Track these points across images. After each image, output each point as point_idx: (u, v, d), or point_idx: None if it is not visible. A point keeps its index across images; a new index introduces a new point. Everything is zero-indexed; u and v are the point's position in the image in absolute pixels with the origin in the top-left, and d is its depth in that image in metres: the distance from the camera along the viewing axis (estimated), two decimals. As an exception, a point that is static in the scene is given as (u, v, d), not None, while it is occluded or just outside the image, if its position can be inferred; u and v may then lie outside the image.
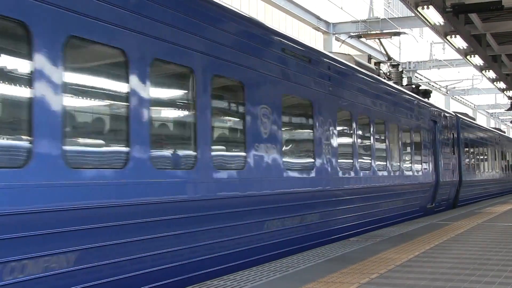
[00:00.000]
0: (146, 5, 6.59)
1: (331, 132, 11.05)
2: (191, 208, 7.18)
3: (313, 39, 30.92)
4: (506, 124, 67.62)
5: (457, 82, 46.16)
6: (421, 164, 17.15)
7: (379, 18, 30.25)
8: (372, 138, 13.39)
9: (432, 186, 18.13)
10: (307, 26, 27.98)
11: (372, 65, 15.75)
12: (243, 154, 8.30)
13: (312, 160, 10.33)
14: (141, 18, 6.50)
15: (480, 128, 27.29)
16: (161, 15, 6.78)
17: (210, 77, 7.59)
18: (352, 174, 12.05)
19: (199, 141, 7.30)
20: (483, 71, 22.61)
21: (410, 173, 16.07)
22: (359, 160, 12.41)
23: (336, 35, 28.69)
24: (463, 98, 55.06)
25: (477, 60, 20.45)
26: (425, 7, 14.34)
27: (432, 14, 14.87)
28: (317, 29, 28.01)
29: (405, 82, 20.68)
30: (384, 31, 23.78)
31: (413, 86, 20.27)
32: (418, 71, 40.24)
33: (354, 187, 12.13)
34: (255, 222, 8.57)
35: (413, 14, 16.00)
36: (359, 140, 12.49)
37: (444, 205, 19.81)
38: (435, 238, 10.84)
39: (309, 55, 10.50)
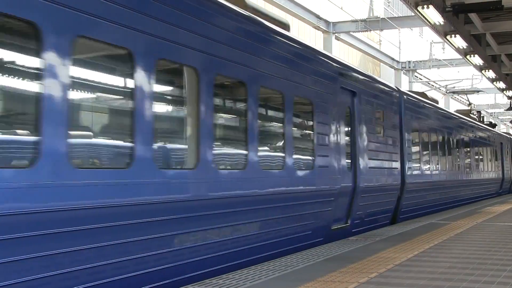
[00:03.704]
0: None
1: None
2: None
3: (313, 38, 30.88)
4: (505, 124, 67.62)
5: (456, 82, 46.19)
6: None
7: (379, 17, 30.24)
8: None
9: None
10: (307, 25, 27.95)
11: None
12: None
13: None
14: None
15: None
16: None
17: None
18: None
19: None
20: (483, 71, 22.59)
21: None
22: None
23: (336, 34, 28.68)
24: (462, 98, 55.04)
25: (476, 60, 20.43)
26: (425, 6, 14.33)
27: (432, 14, 14.87)
28: (317, 28, 27.99)
29: None
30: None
31: None
32: (417, 71, 40.27)
33: None
34: None
35: (413, 14, 16.00)
36: None
37: None
38: (435, 237, 10.84)
39: None
